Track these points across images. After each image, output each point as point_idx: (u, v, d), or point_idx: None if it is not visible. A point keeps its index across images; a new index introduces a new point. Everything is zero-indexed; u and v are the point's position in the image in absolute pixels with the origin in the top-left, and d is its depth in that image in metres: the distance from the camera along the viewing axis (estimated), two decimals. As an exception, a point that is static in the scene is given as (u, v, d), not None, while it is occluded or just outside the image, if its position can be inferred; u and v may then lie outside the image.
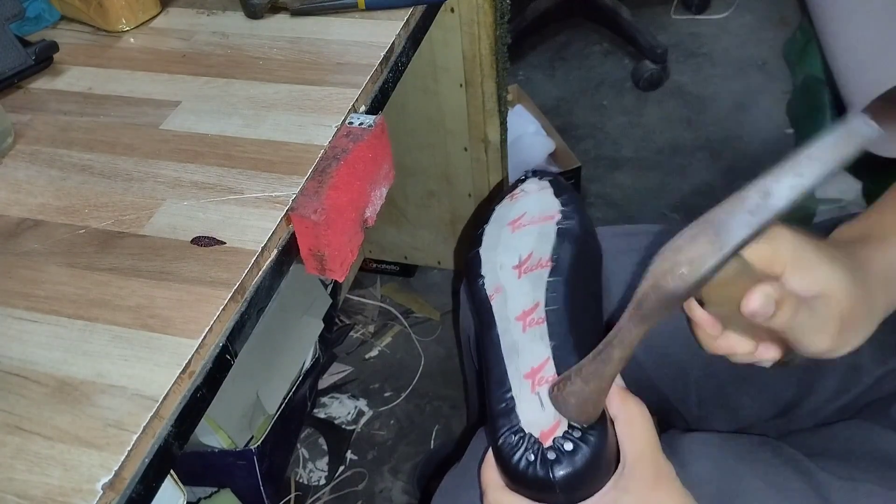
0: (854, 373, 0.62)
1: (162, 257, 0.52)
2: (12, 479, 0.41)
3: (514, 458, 0.50)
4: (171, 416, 0.45)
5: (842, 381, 0.62)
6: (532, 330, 0.56)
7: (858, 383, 0.62)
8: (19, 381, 0.46)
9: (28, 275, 0.52)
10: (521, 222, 0.63)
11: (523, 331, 0.56)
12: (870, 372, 0.61)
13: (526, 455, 0.49)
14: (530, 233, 0.62)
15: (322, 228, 0.55)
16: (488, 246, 0.63)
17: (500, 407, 0.52)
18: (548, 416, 0.51)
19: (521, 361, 0.54)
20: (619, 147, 1.80)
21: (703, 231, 0.41)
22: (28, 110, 0.68)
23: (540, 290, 0.57)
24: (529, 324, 0.56)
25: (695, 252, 0.40)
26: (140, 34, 0.77)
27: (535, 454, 0.49)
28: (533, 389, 0.52)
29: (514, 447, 0.50)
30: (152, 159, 0.61)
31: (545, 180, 0.67)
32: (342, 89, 0.66)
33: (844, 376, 0.62)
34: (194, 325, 0.48)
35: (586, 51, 2.11)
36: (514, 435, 0.50)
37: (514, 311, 0.57)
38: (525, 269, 0.59)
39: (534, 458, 0.49)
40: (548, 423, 0.50)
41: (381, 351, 1.44)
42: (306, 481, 1.26)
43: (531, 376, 0.53)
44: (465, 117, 1.19)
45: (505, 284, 0.59)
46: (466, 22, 1.05)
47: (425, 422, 1.33)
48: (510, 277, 0.59)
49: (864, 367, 0.62)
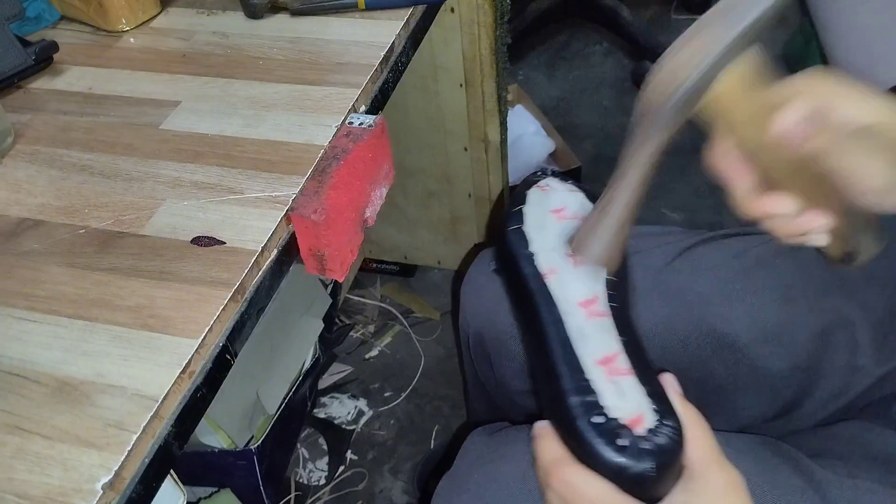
0: (854, 373, 0.62)
1: (162, 257, 0.52)
2: (12, 478, 0.41)
3: (600, 442, 0.46)
4: (171, 416, 0.45)
5: (842, 381, 0.62)
6: (596, 320, 0.54)
7: (859, 384, 0.62)
8: (19, 380, 0.46)
9: (28, 275, 0.52)
10: (565, 214, 0.62)
11: (587, 318, 0.54)
12: (870, 372, 0.61)
13: (616, 441, 0.46)
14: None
15: (322, 228, 0.55)
16: (534, 226, 0.61)
17: (575, 386, 0.50)
18: (630, 406, 0.48)
19: (590, 347, 0.52)
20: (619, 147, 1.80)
21: (708, 19, 0.38)
22: (28, 110, 0.68)
23: (599, 284, 0.56)
24: (592, 314, 0.54)
25: (705, 37, 0.38)
26: (140, 34, 0.77)
27: (628, 440, 0.46)
28: (608, 377, 0.50)
29: (602, 431, 0.47)
30: (152, 159, 0.61)
31: (570, 183, 0.66)
32: (342, 89, 0.66)
33: (845, 376, 0.62)
34: (194, 325, 0.47)
35: (586, 51, 2.11)
36: (598, 416, 0.48)
37: (573, 296, 0.55)
38: (578, 261, 0.57)
39: (627, 445, 0.46)
40: (631, 412, 0.48)
41: (381, 351, 1.44)
42: (306, 481, 1.26)
43: (603, 364, 0.51)
44: (465, 117, 1.19)
45: (560, 268, 0.57)
46: (466, 22, 1.05)
47: (425, 422, 1.33)
48: (565, 263, 0.58)
49: (865, 367, 0.62)
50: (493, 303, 0.73)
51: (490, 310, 0.73)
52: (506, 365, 0.74)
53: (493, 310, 0.73)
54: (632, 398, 0.49)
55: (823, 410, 0.64)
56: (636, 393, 0.49)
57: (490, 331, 0.74)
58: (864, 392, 0.62)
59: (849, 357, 0.62)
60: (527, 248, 0.59)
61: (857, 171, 0.40)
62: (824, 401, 0.63)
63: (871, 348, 0.62)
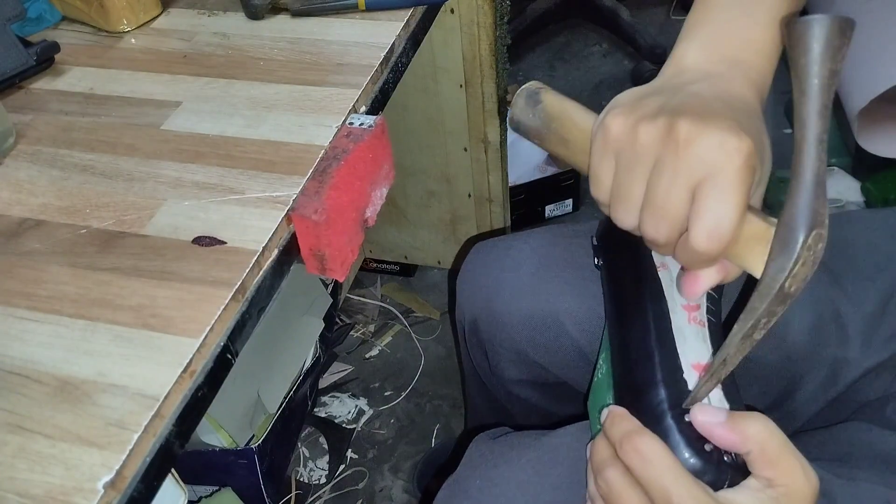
0: (842, 366, 0.62)
1: (163, 257, 0.52)
2: (14, 478, 0.41)
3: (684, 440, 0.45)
4: (173, 416, 0.45)
5: (831, 373, 0.62)
6: (695, 327, 0.53)
7: (847, 376, 0.62)
8: (21, 380, 0.46)
9: (29, 274, 0.52)
10: None
11: (688, 322, 0.53)
12: (858, 364, 0.62)
13: (701, 444, 0.45)
14: None
15: (322, 228, 0.55)
16: None
17: (671, 379, 0.48)
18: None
19: (687, 349, 0.51)
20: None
21: None
22: (29, 110, 0.68)
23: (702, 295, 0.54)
24: (692, 319, 0.53)
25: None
26: (141, 35, 0.78)
27: (712, 447, 0.45)
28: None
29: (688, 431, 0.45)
30: (153, 159, 0.61)
31: None
32: (342, 90, 0.66)
33: (832, 369, 0.62)
34: (195, 325, 0.48)
35: (586, 51, 2.12)
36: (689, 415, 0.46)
37: (679, 297, 0.54)
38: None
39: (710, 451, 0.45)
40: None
41: (381, 350, 1.44)
42: (307, 480, 1.26)
43: (697, 370, 0.50)
44: (465, 117, 1.20)
45: (671, 266, 0.56)
46: (466, 23, 1.05)
47: (425, 421, 1.33)
48: (675, 263, 0.56)
49: (852, 360, 0.62)
50: (489, 290, 0.73)
51: (486, 297, 0.73)
52: (501, 353, 0.74)
53: (488, 297, 0.72)
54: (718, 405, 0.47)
55: (814, 404, 0.64)
56: (722, 407, 0.48)
57: (485, 318, 0.74)
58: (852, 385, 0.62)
59: (838, 350, 0.62)
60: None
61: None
62: (814, 393, 0.63)
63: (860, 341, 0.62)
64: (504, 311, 0.71)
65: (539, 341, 0.70)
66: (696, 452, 0.44)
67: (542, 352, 0.70)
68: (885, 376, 0.62)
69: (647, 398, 0.48)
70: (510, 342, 0.72)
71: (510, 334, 0.71)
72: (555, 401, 0.78)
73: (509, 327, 0.71)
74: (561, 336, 0.68)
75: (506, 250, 0.74)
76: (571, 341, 0.68)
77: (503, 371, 0.75)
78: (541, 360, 0.71)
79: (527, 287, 0.70)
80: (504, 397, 0.81)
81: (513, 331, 0.71)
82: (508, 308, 0.71)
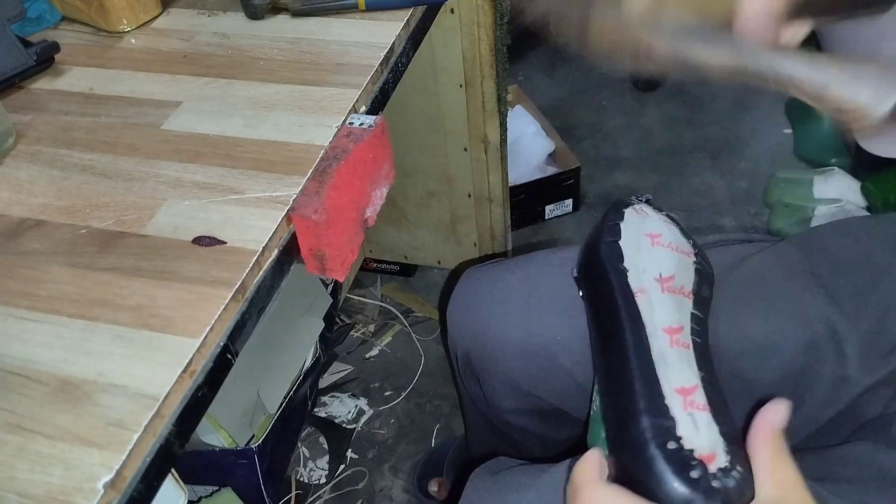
0: (842, 384, 0.61)
1: (163, 257, 0.52)
2: (14, 478, 0.41)
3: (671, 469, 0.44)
4: (173, 416, 0.45)
5: (830, 391, 0.62)
6: (679, 350, 0.52)
7: (847, 394, 0.62)
8: (21, 380, 0.46)
9: (29, 274, 0.52)
10: (660, 241, 0.61)
11: (670, 346, 0.52)
12: (858, 382, 0.61)
13: (688, 472, 0.43)
14: (671, 257, 0.60)
15: (322, 228, 0.55)
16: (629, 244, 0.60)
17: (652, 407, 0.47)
18: (703, 441, 0.46)
19: (670, 374, 0.50)
20: (619, 147, 1.80)
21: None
22: (29, 110, 0.68)
23: (684, 315, 0.55)
24: (675, 342, 0.52)
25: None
26: (141, 35, 0.78)
27: (699, 474, 0.43)
28: (685, 408, 0.48)
29: (674, 458, 0.44)
30: (153, 159, 0.61)
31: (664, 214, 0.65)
32: (342, 90, 0.66)
33: (833, 387, 0.62)
34: (195, 325, 0.48)
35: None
36: (674, 442, 0.45)
37: (660, 321, 0.54)
38: (667, 288, 0.56)
39: (697, 478, 0.43)
40: (705, 448, 0.46)
41: (381, 350, 1.44)
42: (307, 480, 1.26)
43: (682, 394, 0.49)
44: (465, 118, 1.20)
45: (650, 290, 0.56)
46: (466, 23, 1.05)
47: (425, 421, 1.33)
48: (654, 286, 0.56)
49: (852, 378, 0.61)
50: (479, 323, 0.72)
51: (476, 330, 0.72)
52: (495, 386, 0.73)
53: (479, 331, 0.72)
54: (706, 434, 0.47)
55: (814, 422, 0.63)
56: (710, 430, 0.47)
57: (477, 351, 0.73)
58: (853, 403, 0.62)
59: (836, 367, 0.62)
60: (621, 263, 0.57)
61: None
62: (814, 412, 0.63)
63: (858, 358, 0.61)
64: (495, 344, 0.70)
65: (532, 372, 0.69)
66: (683, 480, 0.44)
67: (536, 382, 0.70)
68: (884, 392, 0.61)
69: (630, 429, 0.48)
70: (503, 374, 0.71)
71: (503, 367, 0.71)
72: (553, 427, 0.77)
73: (501, 361, 0.70)
74: (553, 366, 0.68)
75: (495, 282, 0.73)
76: (564, 371, 0.67)
77: (499, 402, 0.75)
78: (535, 390, 0.70)
79: (517, 319, 0.69)
80: (502, 425, 0.80)
81: (505, 364, 0.70)
82: (500, 342, 0.70)
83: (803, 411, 0.63)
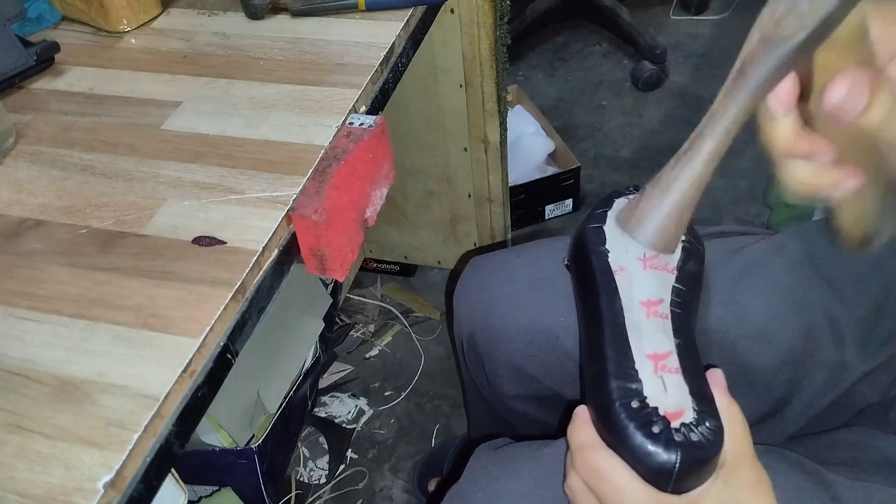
0: (841, 370, 0.62)
1: (163, 257, 0.53)
2: (14, 477, 0.41)
3: (632, 425, 0.46)
4: (173, 416, 0.45)
5: (829, 377, 0.63)
6: (656, 320, 0.54)
7: (845, 380, 0.62)
8: (21, 380, 0.46)
9: (29, 274, 0.52)
10: None
11: (647, 317, 0.54)
12: (856, 368, 0.62)
13: (649, 427, 0.45)
14: None
15: (322, 228, 0.55)
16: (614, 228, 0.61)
17: (620, 372, 0.49)
18: (671, 401, 0.48)
19: (644, 342, 0.52)
20: (619, 147, 1.80)
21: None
22: (29, 110, 0.68)
23: (665, 289, 0.56)
24: (653, 314, 0.54)
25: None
26: (141, 35, 0.78)
27: (660, 428, 0.45)
28: (655, 371, 0.50)
29: (636, 415, 0.46)
30: (153, 159, 0.61)
31: None
32: (342, 90, 0.66)
33: (831, 373, 0.62)
34: (195, 325, 0.48)
35: (586, 51, 2.12)
36: (637, 401, 0.47)
37: (638, 295, 0.55)
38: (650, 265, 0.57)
39: (658, 432, 0.45)
40: (671, 406, 0.47)
41: (381, 350, 1.44)
42: (307, 480, 1.26)
43: (654, 359, 0.51)
44: (465, 117, 1.20)
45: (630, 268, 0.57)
46: (466, 23, 1.05)
47: (425, 421, 1.33)
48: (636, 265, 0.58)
49: (851, 364, 0.62)
50: (485, 305, 0.73)
51: (483, 312, 0.73)
52: (498, 368, 0.74)
53: (485, 311, 0.73)
54: (674, 395, 0.48)
55: (812, 408, 0.64)
56: (680, 391, 0.49)
57: (483, 332, 0.74)
58: (851, 390, 0.62)
59: (834, 353, 0.62)
60: (602, 245, 0.59)
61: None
62: (813, 398, 0.64)
63: (856, 345, 0.62)
64: (500, 325, 0.71)
65: (535, 354, 0.70)
66: (645, 435, 0.45)
67: (538, 364, 0.70)
68: (882, 379, 0.62)
69: (599, 390, 0.50)
70: (507, 356, 0.72)
71: (506, 348, 0.71)
72: (553, 414, 0.78)
73: (505, 341, 0.71)
74: (556, 348, 0.69)
75: (500, 265, 0.75)
76: (566, 353, 0.68)
77: (501, 386, 0.76)
78: (536, 373, 0.71)
79: (522, 301, 0.71)
80: (504, 411, 0.81)
81: (509, 344, 0.71)
82: (504, 322, 0.71)
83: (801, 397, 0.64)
